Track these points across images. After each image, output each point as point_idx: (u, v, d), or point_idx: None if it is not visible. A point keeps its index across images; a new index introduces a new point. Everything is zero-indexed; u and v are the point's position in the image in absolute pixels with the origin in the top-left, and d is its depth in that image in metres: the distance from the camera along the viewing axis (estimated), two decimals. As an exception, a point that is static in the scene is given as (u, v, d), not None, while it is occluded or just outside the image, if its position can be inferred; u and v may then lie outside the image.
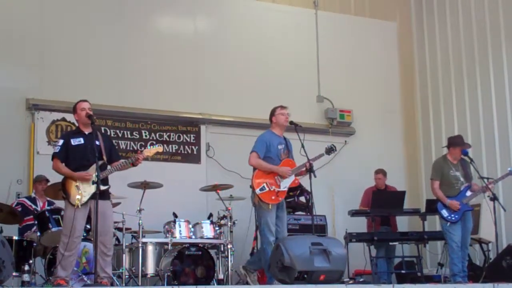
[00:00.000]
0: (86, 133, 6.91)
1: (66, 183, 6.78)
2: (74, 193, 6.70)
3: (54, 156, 6.83)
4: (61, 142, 6.86)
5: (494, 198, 8.08)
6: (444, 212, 8.09)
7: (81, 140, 6.85)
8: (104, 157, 6.87)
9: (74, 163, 6.77)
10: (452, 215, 8.05)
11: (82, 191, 6.69)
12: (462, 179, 8.21)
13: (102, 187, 6.71)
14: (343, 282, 7.39)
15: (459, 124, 10.88)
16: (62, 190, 6.83)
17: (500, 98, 10.21)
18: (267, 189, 7.36)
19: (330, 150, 7.73)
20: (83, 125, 6.94)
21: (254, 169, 7.50)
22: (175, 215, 8.40)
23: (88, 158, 6.74)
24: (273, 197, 7.37)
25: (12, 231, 8.05)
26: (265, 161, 7.44)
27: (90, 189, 6.68)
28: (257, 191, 7.37)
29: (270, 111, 7.77)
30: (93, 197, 6.62)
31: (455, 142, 8.40)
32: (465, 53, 10.93)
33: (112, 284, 6.86)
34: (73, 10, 9.94)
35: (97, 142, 6.83)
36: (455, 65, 11.09)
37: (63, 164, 6.79)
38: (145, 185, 8.25)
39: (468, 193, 8.14)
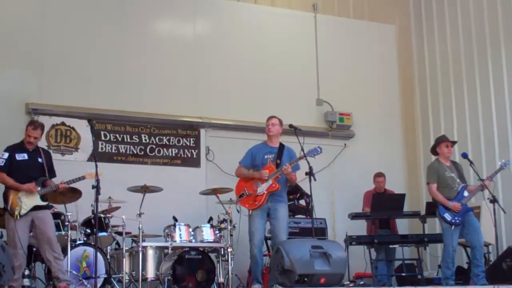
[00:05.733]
0: (30, 149, 7.24)
1: (8, 193, 7.05)
2: (15, 204, 6.98)
3: None
4: (6, 155, 7.15)
5: (494, 200, 8.05)
6: (448, 216, 7.95)
7: (25, 156, 7.18)
8: (46, 174, 7.23)
9: (15, 177, 7.07)
10: (456, 218, 7.94)
11: (23, 203, 6.99)
12: (458, 179, 8.17)
13: (42, 203, 7.10)
14: (343, 285, 7.40)
15: (458, 126, 10.89)
16: (3, 200, 7.11)
17: (499, 100, 10.21)
18: (245, 195, 7.60)
19: (313, 151, 7.68)
20: (29, 144, 7.25)
21: None
22: (175, 219, 8.41)
23: (29, 174, 7.11)
24: (250, 202, 7.55)
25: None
26: (254, 170, 7.67)
27: (32, 201, 7.04)
28: (237, 198, 7.71)
29: None
30: (34, 208, 7.05)
31: (439, 139, 8.38)
32: (464, 56, 10.94)
33: None
34: (73, 14, 9.94)
35: (39, 160, 7.23)
36: (454, 68, 11.10)
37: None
38: (145, 189, 8.25)
39: (466, 193, 8.06)
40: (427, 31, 11.80)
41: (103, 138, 9.78)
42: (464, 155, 8.27)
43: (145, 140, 10.07)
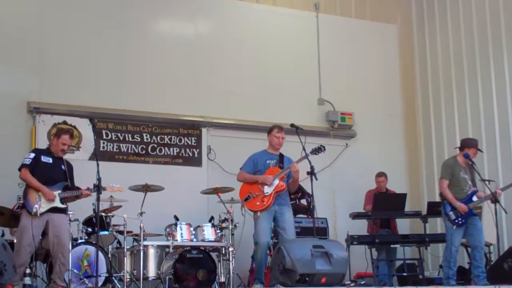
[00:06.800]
0: (56, 156, 7.40)
1: (28, 191, 7.14)
2: (34, 201, 7.04)
3: (24, 166, 7.23)
4: (32, 155, 7.33)
5: (495, 201, 8.07)
6: (452, 215, 8.00)
7: (49, 160, 7.35)
8: (68, 180, 7.34)
9: (38, 178, 7.16)
10: (459, 219, 7.98)
11: (42, 202, 7.07)
12: (470, 182, 8.19)
13: (61, 205, 7.19)
14: (344, 285, 7.40)
15: (460, 126, 10.88)
16: (22, 196, 7.26)
17: (501, 100, 10.20)
18: (251, 197, 7.58)
19: (317, 150, 7.71)
20: (55, 151, 7.41)
21: None
22: (176, 218, 8.41)
23: (53, 176, 7.24)
24: (257, 203, 7.54)
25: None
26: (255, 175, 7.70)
27: (51, 202, 7.12)
28: (242, 202, 7.68)
29: (269, 128, 7.91)
30: (51, 210, 7.12)
31: (471, 143, 8.38)
32: (466, 56, 10.93)
33: None
34: (73, 13, 9.94)
35: (63, 167, 7.38)
36: (456, 68, 11.10)
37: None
38: (146, 188, 8.25)
39: (475, 199, 8.09)
40: (429, 31, 11.79)
41: (104, 137, 9.79)
42: (466, 156, 8.27)
43: (147, 139, 10.07)
